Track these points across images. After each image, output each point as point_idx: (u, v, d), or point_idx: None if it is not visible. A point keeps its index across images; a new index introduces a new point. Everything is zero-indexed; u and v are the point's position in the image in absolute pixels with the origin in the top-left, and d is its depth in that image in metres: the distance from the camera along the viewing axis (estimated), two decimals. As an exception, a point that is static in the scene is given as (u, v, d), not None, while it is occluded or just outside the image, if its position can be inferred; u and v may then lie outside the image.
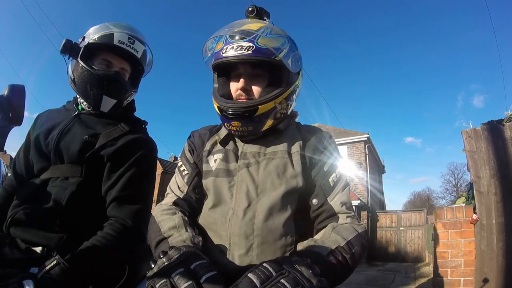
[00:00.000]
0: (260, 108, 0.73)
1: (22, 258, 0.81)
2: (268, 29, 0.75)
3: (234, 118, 0.74)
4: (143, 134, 1.04)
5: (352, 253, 0.63)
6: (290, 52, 0.76)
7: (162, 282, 0.50)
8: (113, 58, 0.99)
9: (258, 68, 0.75)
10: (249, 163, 0.77)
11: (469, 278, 2.52)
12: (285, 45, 0.74)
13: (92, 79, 0.94)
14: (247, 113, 0.73)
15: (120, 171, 0.92)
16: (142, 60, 1.04)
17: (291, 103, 0.80)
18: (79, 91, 0.99)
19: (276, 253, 0.68)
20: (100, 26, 0.99)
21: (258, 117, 0.74)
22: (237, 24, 0.76)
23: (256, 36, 0.71)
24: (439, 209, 2.86)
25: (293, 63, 0.76)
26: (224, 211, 0.72)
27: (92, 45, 0.96)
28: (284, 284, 0.47)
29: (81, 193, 0.89)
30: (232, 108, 0.73)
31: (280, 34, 0.76)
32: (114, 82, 0.97)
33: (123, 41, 0.97)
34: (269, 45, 0.72)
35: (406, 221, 10.10)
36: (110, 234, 0.83)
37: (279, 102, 0.75)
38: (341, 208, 0.73)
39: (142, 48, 1.02)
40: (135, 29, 1.04)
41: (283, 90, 0.75)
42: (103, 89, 0.95)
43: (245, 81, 0.75)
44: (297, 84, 0.81)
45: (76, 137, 0.93)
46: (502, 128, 2.65)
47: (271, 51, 0.71)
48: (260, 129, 0.76)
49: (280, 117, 0.78)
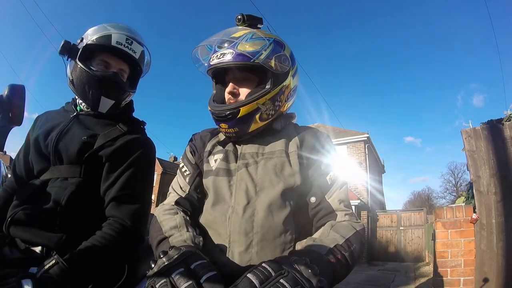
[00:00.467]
0: (242, 110, 0.76)
1: (22, 258, 0.81)
2: (250, 34, 0.79)
3: (220, 120, 0.79)
4: (142, 134, 1.05)
5: (351, 251, 0.64)
6: (273, 53, 0.78)
7: (162, 282, 0.50)
8: (111, 59, 0.99)
9: (245, 72, 0.79)
10: (247, 163, 0.78)
11: (469, 277, 2.52)
12: (265, 47, 0.77)
13: (90, 80, 0.95)
14: (230, 115, 0.76)
15: (118, 171, 0.92)
16: (140, 60, 1.04)
17: (279, 103, 0.81)
18: (78, 92, 0.99)
19: (275, 250, 0.69)
20: (98, 27, 1.00)
21: (241, 119, 0.76)
22: (226, 33, 0.80)
23: (235, 43, 0.76)
24: (439, 208, 2.86)
25: (277, 64, 0.78)
26: (224, 209, 0.74)
27: (90, 46, 0.97)
28: (283, 284, 0.47)
29: (81, 193, 0.89)
30: (217, 111, 0.78)
31: (261, 38, 0.79)
32: (112, 82, 0.97)
33: (121, 42, 0.97)
34: (247, 49, 0.76)
35: (406, 220, 10.12)
36: (109, 234, 0.84)
37: (263, 103, 0.77)
38: (339, 206, 0.74)
39: (140, 49, 1.03)
40: (133, 30, 1.04)
41: (266, 91, 0.77)
42: (101, 90, 0.96)
43: (233, 85, 0.80)
44: (286, 85, 0.81)
45: (75, 138, 0.94)
46: (501, 128, 2.65)
47: (248, 56, 0.75)
48: (246, 130, 0.79)
49: (268, 118, 0.80)
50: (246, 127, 0.78)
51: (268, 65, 0.76)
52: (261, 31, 0.82)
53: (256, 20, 0.86)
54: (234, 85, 0.80)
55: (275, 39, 0.82)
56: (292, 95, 0.86)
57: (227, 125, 0.78)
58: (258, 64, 0.76)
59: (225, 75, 0.83)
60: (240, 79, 0.80)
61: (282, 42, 0.84)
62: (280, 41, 0.83)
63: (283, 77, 0.81)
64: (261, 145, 0.81)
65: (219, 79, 0.85)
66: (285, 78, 0.81)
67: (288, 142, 0.81)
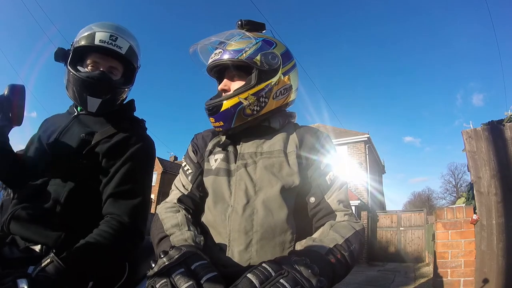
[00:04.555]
0: (224, 104, 0.79)
1: (22, 257, 0.81)
2: (239, 35, 0.84)
3: (208, 114, 0.83)
4: (139, 130, 1.05)
5: (350, 251, 0.64)
6: (259, 51, 0.80)
7: (163, 282, 0.50)
8: (99, 58, 0.99)
9: (236, 69, 0.82)
10: (246, 163, 0.79)
11: (469, 278, 2.52)
12: (250, 45, 0.80)
13: (76, 82, 0.96)
14: (214, 109, 0.80)
15: (115, 167, 0.92)
16: (129, 55, 1.02)
17: (265, 100, 0.81)
18: (70, 95, 1.01)
19: (275, 249, 0.69)
20: (84, 29, 1.00)
21: (224, 112, 0.79)
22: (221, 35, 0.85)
23: (225, 43, 0.82)
24: (439, 209, 2.86)
25: (263, 60, 0.80)
26: (224, 208, 0.74)
27: (79, 49, 0.97)
28: (283, 284, 0.47)
29: (80, 190, 0.89)
30: (207, 105, 0.83)
31: (248, 37, 0.83)
32: (96, 82, 0.96)
33: (104, 40, 0.96)
34: (233, 48, 0.80)
35: (406, 221, 10.11)
36: (106, 231, 0.83)
37: (245, 98, 0.78)
38: (339, 206, 0.74)
39: (127, 44, 1.01)
40: (119, 26, 1.03)
41: (250, 86, 0.79)
42: (86, 90, 0.96)
43: (225, 82, 0.84)
44: (274, 81, 0.81)
45: (74, 136, 0.95)
46: (502, 129, 2.65)
47: (234, 53, 0.80)
48: (230, 125, 0.80)
49: (252, 114, 0.80)
50: (229, 121, 0.80)
51: (252, 61, 0.79)
52: (253, 33, 0.85)
53: (257, 26, 0.89)
54: (226, 82, 0.83)
55: (265, 39, 0.84)
56: (284, 93, 0.85)
57: (214, 119, 0.81)
58: (242, 60, 0.79)
59: (223, 74, 0.86)
60: (233, 76, 0.83)
61: (273, 41, 0.85)
62: (270, 40, 0.85)
63: (271, 74, 0.81)
64: (259, 145, 0.82)
65: (220, 79, 0.87)
66: (273, 75, 0.81)
67: (287, 141, 0.81)
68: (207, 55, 0.87)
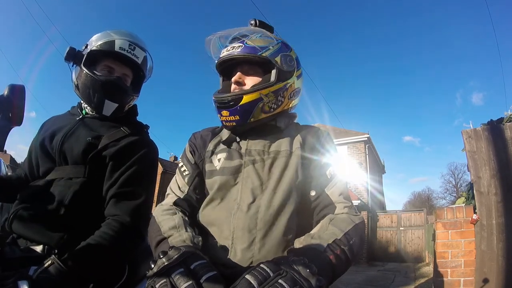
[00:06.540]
0: (244, 98, 0.77)
1: (23, 257, 0.81)
2: (259, 33, 0.84)
3: (222, 107, 0.79)
4: (145, 136, 1.07)
5: (350, 245, 0.64)
6: (279, 51, 0.82)
7: (162, 282, 0.50)
8: (115, 64, 1.02)
9: (253, 65, 0.82)
10: (254, 160, 0.78)
11: (469, 278, 2.52)
12: (273, 44, 0.81)
13: (95, 84, 0.98)
14: (232, 102, 0.77)
15: (120, 170, 0.94)
16: (142, 65, 1.07)
17: (282, 99, 0.82)
18: (83, 97, 1.02)
19: (278, 248, 0.69)
20: (102, 34, 1.03)
21: (243, 106, 0.77)
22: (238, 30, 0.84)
23: (248, 37, 0.81)
24: (439, 209, 2.86)
25: (282, 61, 0.81)
26: (229, 206, 0.74)
27: (94, 52, 1.00)
28: (282, 284, 0.47)
29: (84, 193, 0.90)
30: (220, 98, 0.79)
31: (270, 37, 0.84)
32: (116, 86, 1.00)
33: (124, 48, 1.01)
34: (256, 44, 0.80)
35: (406, 221, 10.11)
36: (107, 233, 0.84)
37: (266, 94, 0.78)
38: (338, 198, 0.74)
39: (143, 54, 1.06)
40: (136, 36, 1.07)
41: (271, 83, 0.79)
42: (105, 93, 0.98)
43: (239, 75, 0.82)
44: (290, 83, 0.83)
45: (80, 139, 0.96)
46: (502, 128, 2.65)
47: (257, 49, 0.79)
48: (247, 120, 0.78)
49: (270, 111, 0.80)
50: (246, 115, 0.78)
51: (274, 60, 0.79)
52: (271, 34, 0.86)
53: (267, 28, 0.89)
54: (240, 75, 0.82)
55: (283, 41, 0.86)
56: (295, 96, 0.87)
57: (229, 112, 0.78)
58: (265, 57, 0.79)
59: (232, 70, 0.84)
60: (247, 71, 0.82)
61: (289, 45, 0.87)
62: (287, 44, 0.86)
63: (288, 76, 0.82)
64: (266, 143, 0.81)
65: (227, 76, 0.87)
66: (289, 77, 0.83)
67: (291, 141, 0.82)
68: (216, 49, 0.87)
